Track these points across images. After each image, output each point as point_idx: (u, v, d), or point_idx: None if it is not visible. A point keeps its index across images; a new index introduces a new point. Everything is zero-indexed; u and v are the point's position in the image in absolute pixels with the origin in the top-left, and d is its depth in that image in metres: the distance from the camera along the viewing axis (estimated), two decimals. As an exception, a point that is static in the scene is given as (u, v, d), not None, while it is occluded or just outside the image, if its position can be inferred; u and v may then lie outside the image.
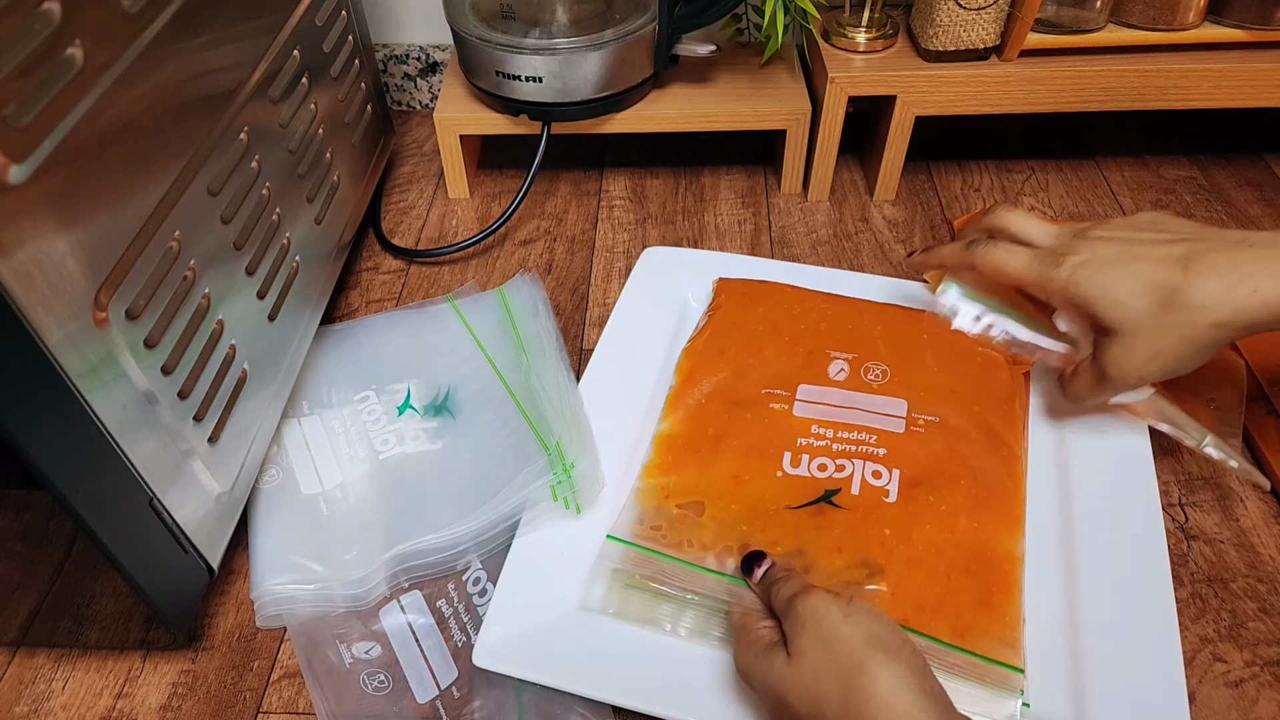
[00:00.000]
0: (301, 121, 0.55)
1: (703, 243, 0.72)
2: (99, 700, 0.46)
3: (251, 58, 0.49)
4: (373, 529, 0.50)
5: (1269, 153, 0.79)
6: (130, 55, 0.37)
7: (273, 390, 0.51)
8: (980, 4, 0.64)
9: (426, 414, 0.56)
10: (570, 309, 0.67)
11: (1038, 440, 0.52)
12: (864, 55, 0.70)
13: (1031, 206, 0.74)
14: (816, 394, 0.52)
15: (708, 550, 0.45)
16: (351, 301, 0.68)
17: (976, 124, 0.80)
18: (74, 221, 0.34)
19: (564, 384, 0.55)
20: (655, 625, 0.45)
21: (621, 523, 0.47)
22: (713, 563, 0.44)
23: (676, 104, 0.72)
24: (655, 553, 0.45)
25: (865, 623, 0.37)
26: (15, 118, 0.31)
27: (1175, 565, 0.45)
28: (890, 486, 0.46)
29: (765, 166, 0.80)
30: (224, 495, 0.46)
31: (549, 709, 0.44)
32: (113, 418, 0.37)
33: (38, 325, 0.32)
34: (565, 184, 0.78)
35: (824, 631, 0.37)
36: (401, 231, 0.74)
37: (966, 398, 0.51)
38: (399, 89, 0.87)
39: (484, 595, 0.49)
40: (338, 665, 0.46)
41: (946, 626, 0.42)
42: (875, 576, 0.43)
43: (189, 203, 0.42)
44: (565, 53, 0.65)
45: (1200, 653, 0.46)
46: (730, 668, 0.42)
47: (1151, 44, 0.67)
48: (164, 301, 0.40)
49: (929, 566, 0.43)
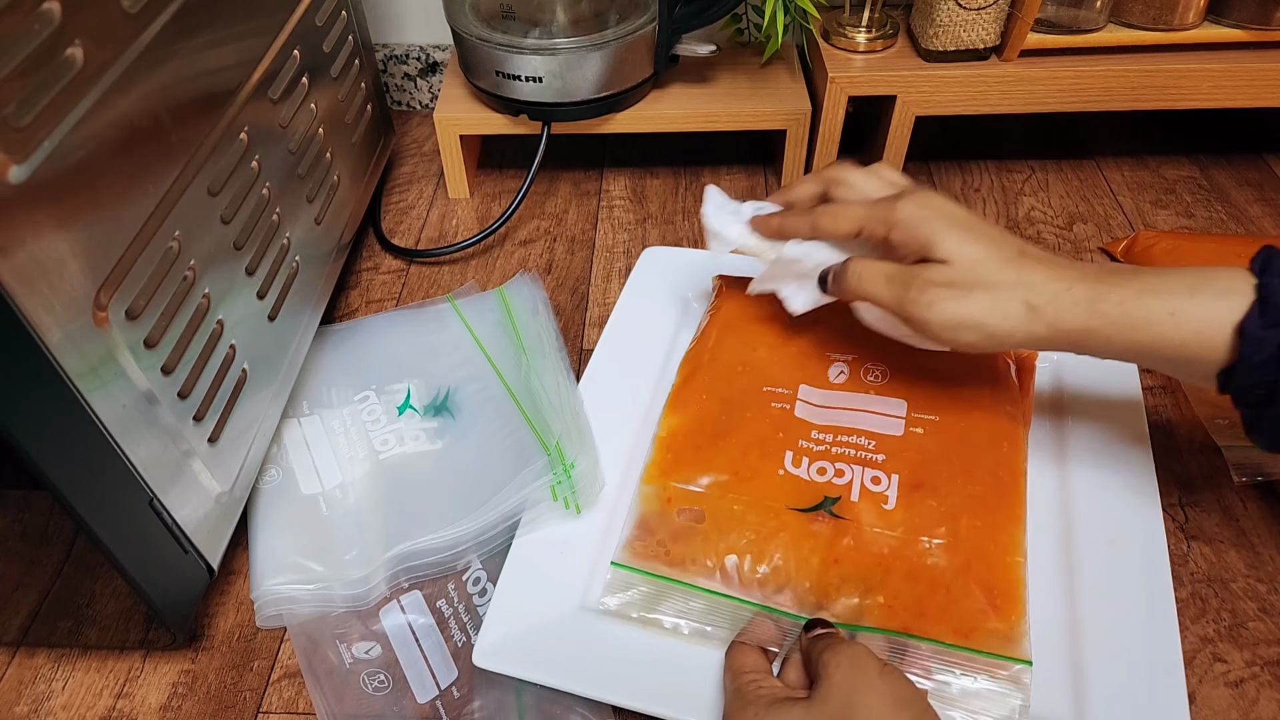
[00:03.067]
0: (301, 121, 0.55)
1: (703, 243, 0.72)
2: (99, 700, 0.46)
3: (251, 58, 0.49)
4: (373, 529, 0.50)
5: (1269, 153, 0.79)
6: (130, 55, 0.37)
7: (273, 390, 0.51)
8: (980, 4, 0.64)
9: (426, 414, 0.56)
10: (570, 309, 0.67)
11: (1038, 440, 0.52)
12: (864, 55, 0.70)
13: (1032, 207, 0.74)
14: (817, 396, 0.52)
15: (714, 560, 0.45)
16: (351, 301, 0.68)
17: (976, 124, 0.80)
18: (74, 221, 0.34)
19: (564, 384, 0.55)
20: (655, 625, 0.45)
21: (625, 538, 0.47)
22: (719, 579, 0.44)
23: (676, 104, 0.72)
24: (662, 578, 0.45)
25: (899, 683, 0.37)
26: (15, 118, 0.31)
27: (1175, 565, 0.45)
28: (889, 493, 0.46)
29: (765, 166, 0.80)
30: (224, 495, 0.46)
31: (549, 709, 0.44)
32: (113, 418, 0.37)
33: (38, 325, 0.32)
34: (565, 184, 0.78)
35: (857, 679, 0.37)
36: (401, 231, 0.74)
37: (967, 397, 0.51)
38: (399, 89, 0.87)
39: (484, 595, 0.49)
40: (338, 665, 0.46)
41: (949, 629, 0.42)
42: (873, 591, 0.43)
43: (189, 203, 0.42)
44: (565, 53, 0.65)
45: (1200, 653, 0.46)
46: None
47: (1151, 44, 0.67)
48: (164, 301, 0.40)
49: (929, 577, 0.43)
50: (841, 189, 0.48)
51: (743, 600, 0.44)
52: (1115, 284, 0.41)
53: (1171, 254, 0.63)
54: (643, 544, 0.46)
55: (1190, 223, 0.72)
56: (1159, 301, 0.40)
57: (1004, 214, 0.74)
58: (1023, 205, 0.75)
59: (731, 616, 0.44)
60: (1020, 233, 0.72)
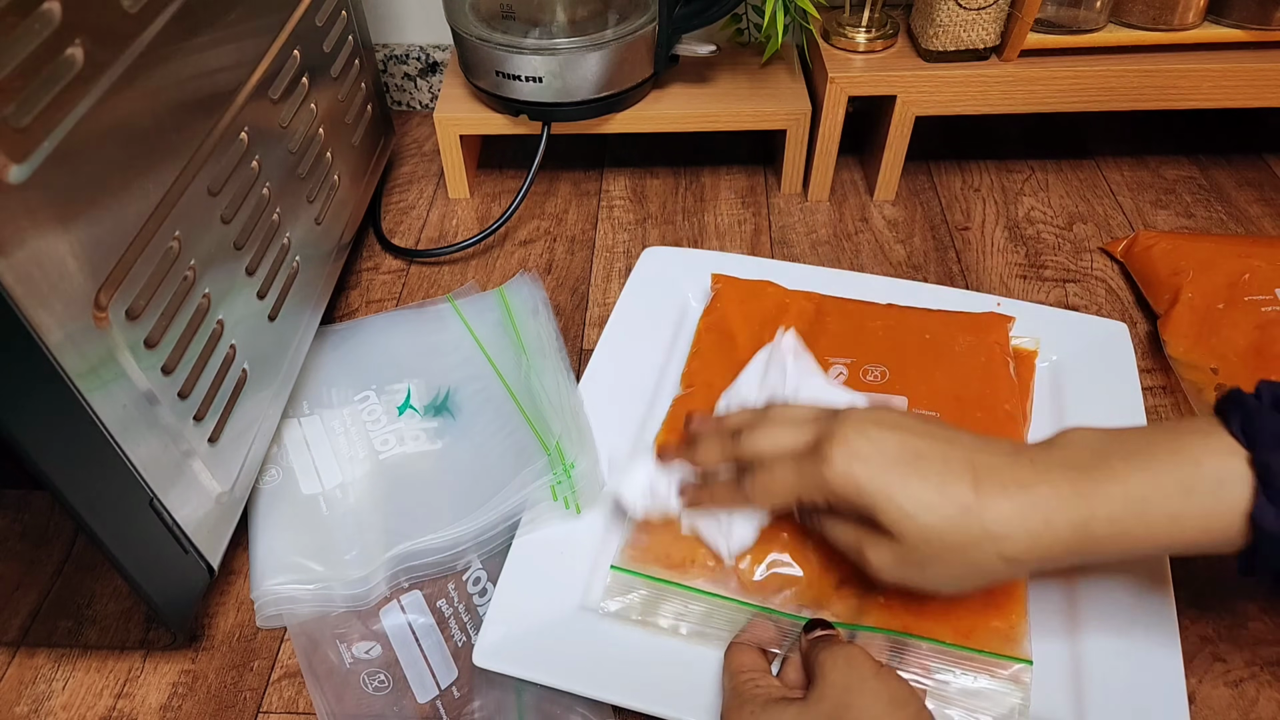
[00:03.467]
0: (302, 122, 0.55)
1: (703, 243, 0.72)
2: (99, 700, 0.46)
3: (251, 58, 0.49)
4: (373, 529, 0.50)
5: (1269, 153, 0.79)
6: (130, 55, 0.37)
7: (273, 390, 0.51)
8: (980, 4, 0.64)
9: (426, 414, 0.56)
10: (570, 309, 0.67)
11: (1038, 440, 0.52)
12: (864, 55, 0.70)
13: (1032, 207, 0.74)
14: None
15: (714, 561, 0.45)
16: (351, 301, 0.68)
17: (976, 124, 0.80)
18: (74, 221, 0.34)
19: (564, 384, 0.55)
20: (655, 625, 0.45)
21: (624, 541, 0.47)
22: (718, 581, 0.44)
23: (676, 104, 0.72)
24: (662, 581, 0.45)
25: (894, 684, 0.37)
26: (15, 118, 0.31)
27: (1175, 565, 0.45)
28: None
29: (765, 166, 0.80)
30: (224, 495, 0.46)
31: (549, 709, 0.44)
32: (113, 418, 0.37)
33: (38, 325, 0.32)
34: (565, 184, 0.78)
35: (852, 679, 0.37)
36: (401, 231, 0.74)
37: (967, 398, 0.51)
38: (399, 89, 0.87)
39: (484, 595, 0.49)
40: (338, 665, 0.46)
41: (949, 629, 0.42)
42: (872, 591, 0.43)
43: (189, 203, 0.42)
44: (565, 53, 0.65)
45: (1200, 653, 0.46)
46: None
47: (1151, 44, 0.67)
48: (164, 301, 0.40)
49: None
50: (750, 444, 0.42)
51: (743, 602, 0.44)
52: (1099, 497, 0.36)
53: (1171, 255, 0.63)
54: (642, 546, 0.46)
55: (1190, 223, 0.72)
56: (1154, 509, 0.35)
57: (1004, 214, 0.74)
58: (1023, 205, 0.75)
59: (731, 618, 0.44)
60: (1020, 233, 0.72)
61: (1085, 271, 0.68)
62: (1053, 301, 0.65)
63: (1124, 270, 0.68)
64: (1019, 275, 0.68)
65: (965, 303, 0.58)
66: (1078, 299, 0.66)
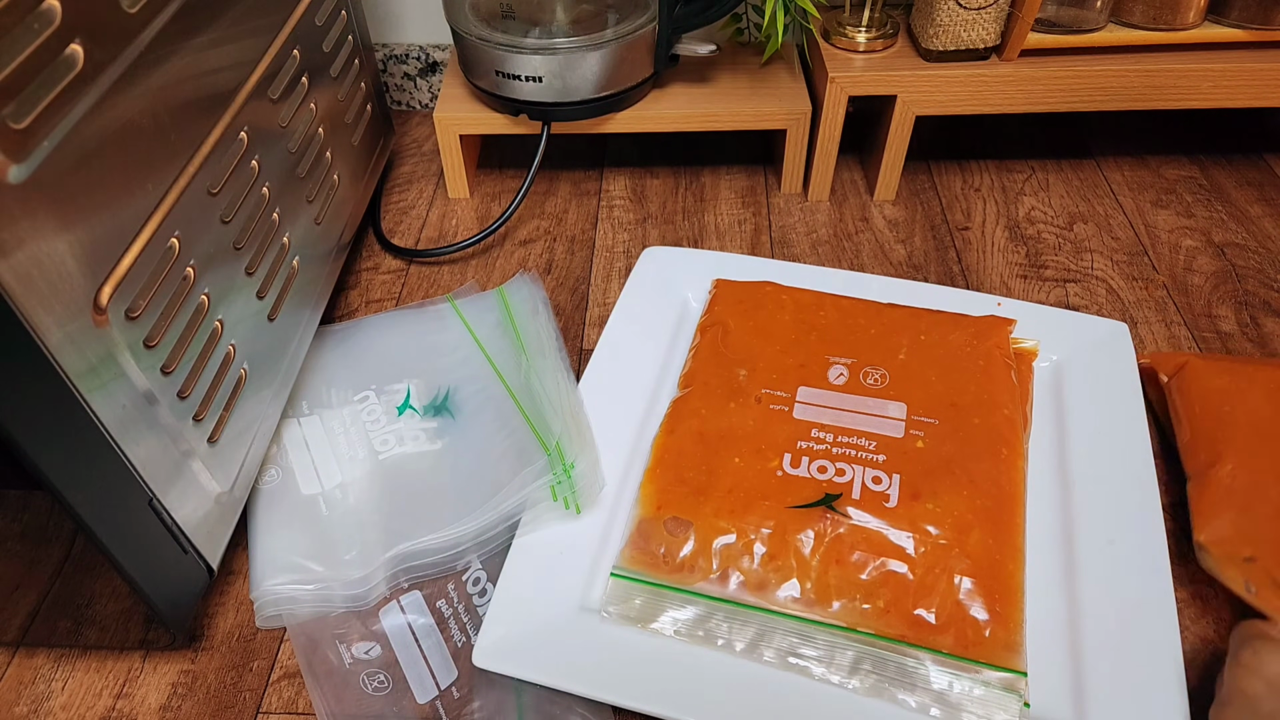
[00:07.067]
0: (301, 121, 0.55)
1: (703, 243, 0.72)
2: (99, 700, 0.46)
3: (251, 58, 0.48)
4: (372, 529, 0.50)
5: (1269, 153, 0.79)
6: (130, 55, 0.37)
7: (272, 390, 0.51)
8: (980, 4, 0.64)
9: (426, 414, 0.56)
10: (570, 309, 0.67)
11: (1038, 440, 0.52)
12: (864, 55, 0.70)
13: (1032, 207, 0.74)
14: (816, 397, 0.52)
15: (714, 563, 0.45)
16: (351, 301, 0.68)
17: (976, 124, 0.80)
18: (74, 221, 0.34)
19: (564, 384, 0.55)
20: (655, 626, 0.45)
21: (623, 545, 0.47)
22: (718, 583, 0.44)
23: (676, 104, 0.72)
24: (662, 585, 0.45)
25: None
26: (15, 118, 0.31)
27: (1175, 565, 0.45)
28: (890, 491, 0.46)
29: (765, 166, 0.80)
30: (224, 495, 0.46)
31: (549, 709, 0.44)
32: (112, 418, 0.37)
33: (38, 325, 0.32)
34: (565, 184, 0.78)
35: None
36: (401, 231, 0.74)
37: (967, 400, 0.51)
38: (399, 89, 0.87)
39: (484, 595, 0.49)
40: (337, 665, 0.46)
41: (950, 640, 0.42)
42: (873, 594, 0.43)
43: (189, 203, 0.42)
44: (565, 52, 0.65)
45: (1200, 653, 0.46)
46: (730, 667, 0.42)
47: (1151, 44, 0.67)
48: (164, 301, 0.40)
49: (929, 583, 0.43)
50: None
51: (743, 604, 0.44)
52: None
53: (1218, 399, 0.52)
54: (641, 550, 0.46)
55: (1190, 222, 0.72)
56: None
57: (1004, 214, 0.74)
58: (1023, 205, 0.75)
59: (731, 620, 0.44)
60: (1021, 233, 0.72)
61: (1086, 271, 0.68)
62: (1053, 301, 0.65)
63: (1127, 275, 0.68)
64: (1019, 275, 0.68)
65: (965, 303, 0.58)
66: (1078, 299, 0.66)
